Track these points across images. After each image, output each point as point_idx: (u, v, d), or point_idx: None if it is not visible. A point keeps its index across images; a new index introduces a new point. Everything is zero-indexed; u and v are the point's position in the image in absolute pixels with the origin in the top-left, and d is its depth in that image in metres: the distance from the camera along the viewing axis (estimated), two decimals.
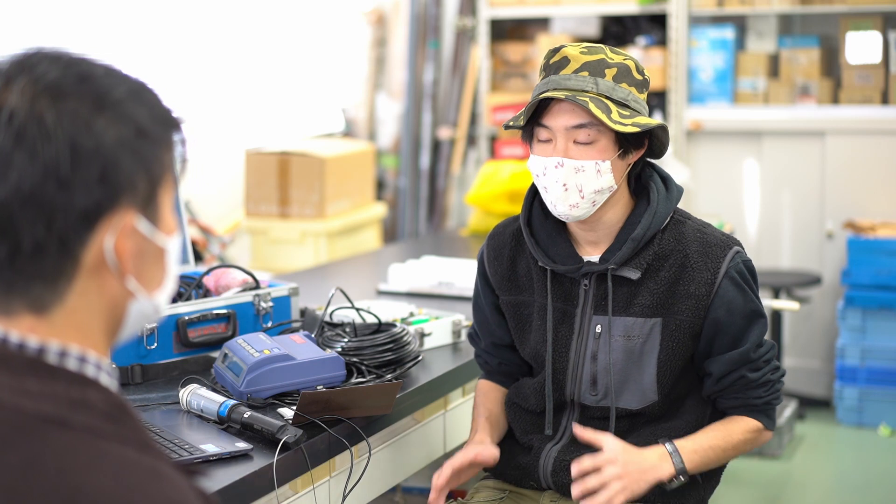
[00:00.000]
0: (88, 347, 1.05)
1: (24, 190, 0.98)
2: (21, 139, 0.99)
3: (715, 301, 2.06)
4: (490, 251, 2.24)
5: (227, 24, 5.18)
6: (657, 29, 5.24)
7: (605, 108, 1.98)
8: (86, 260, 1.02)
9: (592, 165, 2.01)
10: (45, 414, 0.99)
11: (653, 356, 2.08)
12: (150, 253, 1.07)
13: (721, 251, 2.08)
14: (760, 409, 2.12)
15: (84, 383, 1.02)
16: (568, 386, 2.15)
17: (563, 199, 2.04)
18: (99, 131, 1.01)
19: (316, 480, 2.02)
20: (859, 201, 5.00)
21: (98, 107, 1.02)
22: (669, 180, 2.14)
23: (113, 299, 1.06)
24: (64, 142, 0.99)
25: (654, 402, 2.10)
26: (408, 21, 5.99)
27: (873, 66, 5.00)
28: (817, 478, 4.26)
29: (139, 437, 1.03)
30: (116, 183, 1.02)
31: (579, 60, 2.03)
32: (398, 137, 6.07)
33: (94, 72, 1.04)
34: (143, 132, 1.04)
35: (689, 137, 5.26)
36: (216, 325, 2.41)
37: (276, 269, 4.38)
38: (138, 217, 1.04)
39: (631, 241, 2.06)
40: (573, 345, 2.13)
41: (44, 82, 1.01)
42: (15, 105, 1.00)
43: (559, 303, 2.14)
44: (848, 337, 4.71)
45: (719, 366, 2.09)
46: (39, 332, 1.03)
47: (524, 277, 2.19)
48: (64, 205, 0.99)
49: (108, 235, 1.03)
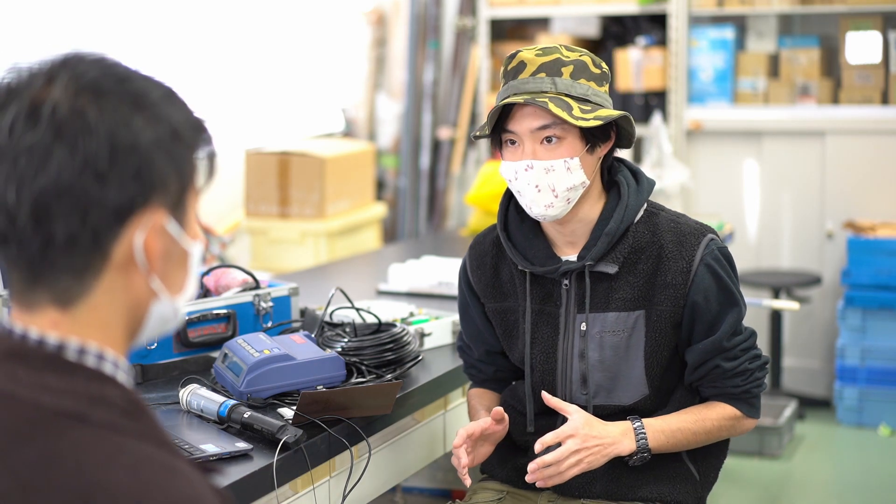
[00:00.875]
0: (108, 345, 1.06)
1: (62, 182, 1.01)
2: (62, 132, 1.01)
3: (692, 288, 2.07)
4: (472, 261, 2.26)
5: (227, 24, 5.18)
6: (657, 29, 5.24)
7: (565, 106, 2.00)
8: (115, 255, 1.04)
9: (562, 164, 2.03)
10: (63, 409, 1.00)
11: (639, 349, 2.10)
12: (175, 255, 1.09)
13: (695, 239, 2.09)
14: (739, 397, 2.13)
15: (102, 380, 1.04)
16: (559, 386, 2.15)
17: (538, 201, 2.05)
18: (137, 130, 1.03)
19: (316, 480, 2.02)
20: (859, 201, 5.00)
21: (137, 106, 1.04)
22: (639, 173, 2.16)
23: (137, 298, 1.08)
24: (104, 137, 1.02)
25: (646, 395, 2.12)
26: (408, 21, 5.99)
27: (873, 66, 5.00)
28: (817, 478, 4.26)
29: (156, 433, 1.04)
30: (150, 181, 1.04)
31: (535, 63, 2.05)
32: (398, 137, 6.07)
33: (131, 74, 1.07)
34: (178, 135, 1.07)
35: (689, 137, 5.26)
36: (216, 325, 2.41)
37: (276, 269, 4.38)
38: (168, 217, 1.07)
39: (605, 236, 2.08)
40: (559, 345, 2.14)
41: (85, 80, 1.04)
42: (58, 99, 1.02)
43: (542, 304, 2.16)
44: (848, 337, 4.71)
45: (694, 355, 2.11)
46: (62, 327, 1.04)
47: (508, 284, 2.20)
48: (99, 199, 1.02)
49: (139, 233, 1.05)
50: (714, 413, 2.12)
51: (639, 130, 5.02)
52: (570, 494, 2.16)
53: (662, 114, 5.12)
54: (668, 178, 4.66)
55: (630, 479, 2.12)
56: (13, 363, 1.03)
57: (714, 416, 2.12)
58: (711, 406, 2.13)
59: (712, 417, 2.12)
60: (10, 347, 1.04)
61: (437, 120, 5.98)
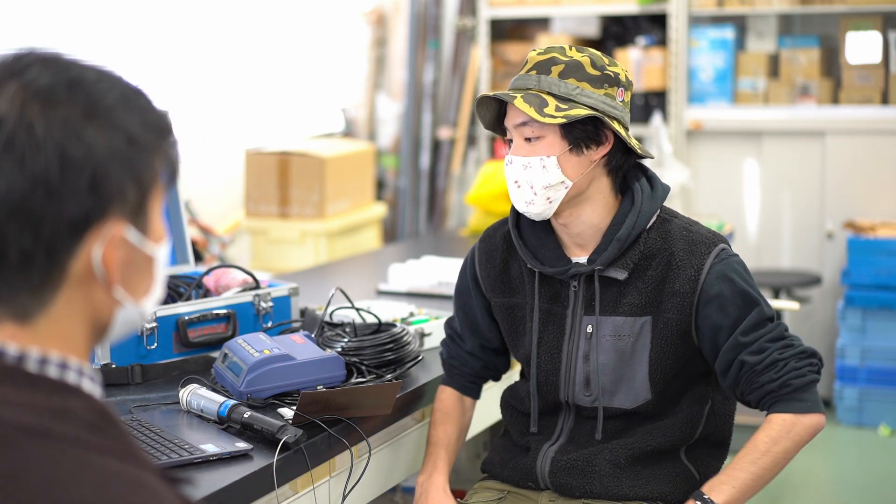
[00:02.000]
0: (71, 353, 1.03)
1: (11, 199, 0.97)
2: (10, 147, 0.97)
3: (702, 299, 2.04)
4: (482, 254, 2.25)
5: (227, 24, 5.18)
6: (657, 29, 5.24)
7: (538, 103, 2.01)
8: (73, 270, 1.01)
9: (537, 161, 2.03)
10: (25, 424, 0.97)
11: (644, 355, 2.08)
12: (138, 261, 1.05)
13: (706, 248, 2.07)
14: (781, 394, 2.02)
15: (65, 391, 1.00)
16: (562, 387, 2.15)
17: (519, 197, 2.07)
18: (89, 140, 0.99)
19: (316, 480, 2.02)
20: (859, 201, 5.00)
21: (89, 115, 1.00)
22: (655, 179, 2.15)
23: (99, 307, 1.04)
24: (53, 151, 0.97)
25: (648, 400, 2.11)
26: (408, 21, 5.99)
27: (873, 66, 5.00)
28: (817, 478, 4.26)
29: (122, 446, 1.01)
30: (106, 193, 1.00)
31: (533, 61, 2.07)
32: (398, 137, 6.07)
33: (86, 76, 1.02)
34: (134, 141, 1.02)
35: (689, 137, 5.26)
36: (216, 325, 2.41)
37: (276, 269, 4.37)
38: (127, 226, 1.03)
39: (616, 242, 2.06)
40: (564, 346, 2.14)
41: (34, 88, 0.99)
42: (4, 112, 0.98)
43: (549, 304, 2.15)
44: (848, 337, 4.71)
45: (720, 362, 2.07)
46: (21, 340, 1.01)
47: (517, 280, 2.20)
48: (52, 215, 0.98)
49: (97, 245, 1.01)
50: (765, 435, 2.01)
51: (639, 131, 5.04)
52: (571, 494, 2.15)
53: (662, 114, 5.12)
54: (668, 179, 4.66)
55: (630, 478, 2.12)
56: None
57: (767, 439, 2.01)
58: (760, 430, 2.02)
59: (766, 441, 2.01)
60: None
61: (437, 120, 5.98)
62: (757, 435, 2.03)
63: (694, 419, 2.14)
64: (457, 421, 2.30)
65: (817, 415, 2.03)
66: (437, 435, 2.27)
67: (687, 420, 2.14)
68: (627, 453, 2.12)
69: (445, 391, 2.34)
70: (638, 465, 2.13)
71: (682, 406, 2.14)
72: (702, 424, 2.15)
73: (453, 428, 2.29)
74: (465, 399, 2.34)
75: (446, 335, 2.38)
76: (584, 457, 2.14)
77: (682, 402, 2.15)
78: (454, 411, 2.31)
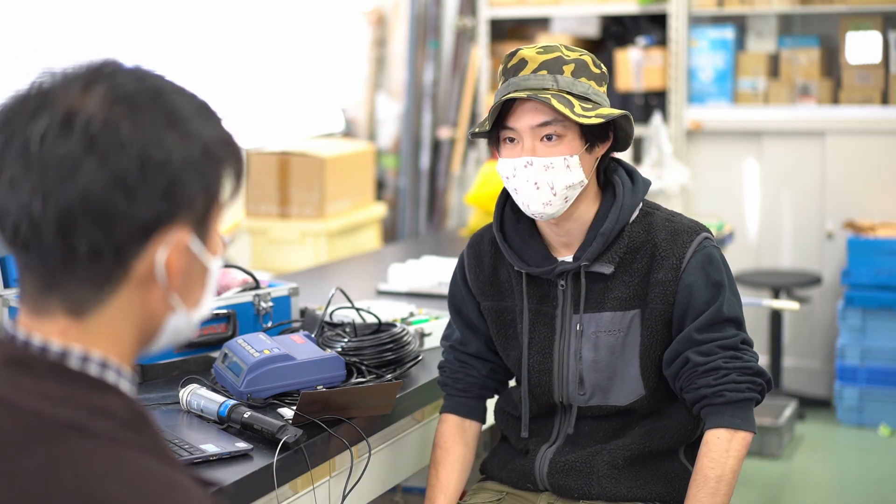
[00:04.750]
0: (115, 354, 1.05)
1: (90, 195, 0.99)
2: (94, 145, 1.00)
3: (680, 285, 2.05)
4: (471, 259, 2.24)
5: (227, 24, 5.18)
6: (657, 29, 5.24)
7: (567, 103, 2.00)
8: (136, 271, 1.03)
9: (561, 161, 2.02)
10: (64, 419, 0.99)
11: (634, 349, 2.08)
12: (195, 271, 1.08)
13: (688, 237, 2.07)
14: (713, 401, 2.01)
15: (104, 389, 1.03)
16: (556, 388, 2.15)
17: (536, 198, 2.04)
18: (169, 147, 1.02)
19: (316, 480, 2.02)
20: (859, 201, 5.00)
21: (170, 122, 1.03)
22: (635, 173, 2.15)
23: (152, 312, 1.06)
24: (136, 152, 1.00)
25: (642, 396, 2.11)
26: (408, 21, 5.99)
27: (873, 66, 4.99)
28: (817, 478, 4.26)
29: (157, 446, 1.03)
30: (178, 199, 1.03)
31: (536, 60, 2.04)
32: (398, 137, 6.07)
33: (166, 88, 1.06)
34: (209, 152, 1.05)
35: (689, 137, 5.26)
36: (216, 325, 2.41)
37: (276, 269, 4.38)
38: (191, 235, 1.06)
39: (600, 236, 2.07)
40: (556, 346, 2.14)
41: (121, 92, 1.02)
42: (93, 111, 1.01)
43: (539, 305, 2.15)
44: (848, 337, 4.71)
45: (669, 350, 2.07)
46: (70, 335, 1.03)
47: (506, 283, 2.19)
48: (126, 214, 1.00)
49: (161, 249, 1.04)
50: (708, 460, 2.00)
51: (639, 130, 5.03)
52: (570, 496, 2.15)
53: (662, 114, 5.12)
54: (668, 179, 4.66)
55: (629, 479, 2.12)
56: (16, 370, 1.02)
57: (712, 464, 2.00)
58: (701, 455, 2.02)
59: (712, 466, 2.00)
60: (13, 354, 1.03)
61: (437, 120, 5.98)
62: (701, 461, 2.02)
63: (691, 423, 2.14)
64: (457, 459, 2.22)
65: (750, 433, 2.03)
66: (437, 478, 2.20)
67: (686, 423, 2.14)
68: (626, 454, 2.12)
69: (446, 422, 2.25)
70: (636, 465, 2.13)
71: (679, 406, 2.14)
72: (700, 426, 2.15)
73: (453, 467, 2.21)
74: (469, 426, 2.26)
75: (445, 350, 2.31)
76: (582, 458, 2.14)
77: (677, 400, 2.14)
78: (455, 448, 2.22)
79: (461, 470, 2.22)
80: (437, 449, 2.23)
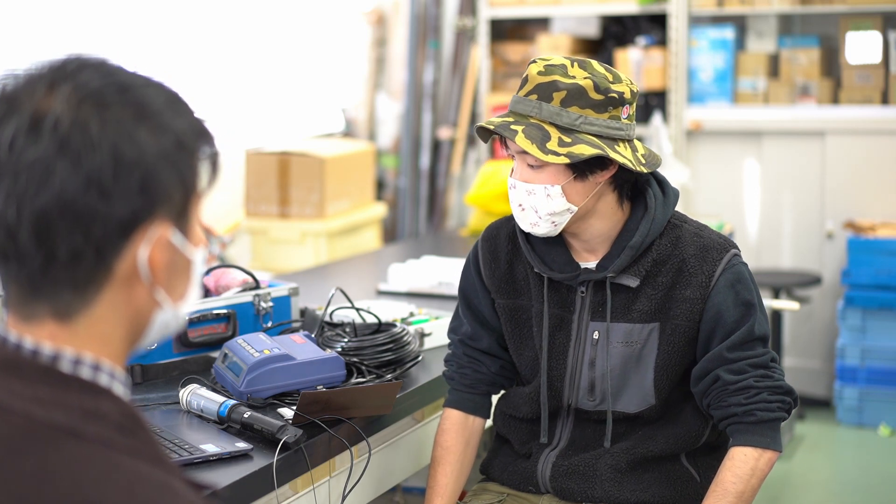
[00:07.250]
0: (106, 356, 1.04)
1: (65, 198, 0.97)
2: (65, 147, 0.98)
3: (708, 303, 2.03)
4: (486, 254, 2.21)
5: (227, 24, 5.18)
6: (657, 29, 5.24)
7: (540, 137, 1.95)
8: (119, 270, 1.02)
9: (542, 189, 1.99)
10: (57, 423, 0.98)
11: (650, 360, 2.07)
12: (179, 264, 1.07)
13: (718, 254, 2.05)
14: (743, 420, 2.01)
15: (97, 392, 1.02)
16: (565, 393, 2.14)
17: (523, 218, 2.04)
18: (141, 142, 1.00)
19: (316, 480, 2.02)
20: (859, 201, 5.00)
21: (140, 117, 1.01)
22: (666, 184, 2.12)
23: (139, 308, 1.05)
24: (108, 151, 0.99)
25: (652, 405, 2.10)
26: (408, 21, 5.99)
27: (873, 66, 4.99)
28: (817, 478, 4.26)
29: (151, 450, 1.02)
30: (154, 194, 1.01)
31: (534, 81, 1.99)
32: (398, 137, 6.07)
33: (134, 81, 1.04)
34: (182, 144, 1.04)
35: (689, 137, 5.26)
36: (216, 325, 2.41)
37: (276, 269, 4.38)
38: (171, 229, 1.04)
39: (629, 249, 2.04)
40: (570, 351, 2.12)
41: (87, 90, 1.00)
42: (60, 112, 0.99)
43: (556, 309, 2.12)
44: (848, 337, 4.71)
45: (698, 367, 2.06)
46: (60, 339, 1.02)
47: (522, 282, 2.17)
48: (104, 214, 0.99)
49: (143, 246, 1.02)
50: (731, 475, 2.00)
51: (639, 131, 5.03)
52: (572, 498, 2.15)
53: (662, 114, 5.12)
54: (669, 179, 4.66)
55: (631, 482, 2.12)
56: (8, 373, 1.01)
57: (734, 479, 1.99)
58: (724, 469, 2.02)
59: (734, 481, 1.99)
60: (4, 357, 1.02)
61: (437, 120, 5.98)
62: (723, 475, 2.01)
63: (698, 430, 2.13)
64: (457, 458, 2.21)
65: (776, 452, 2.03)
66: (437, 478, 2.19)
67: (692, 429, 2.13)
68: (629, 458, 2.11)
69: (450, 418, 2.24)
70: (639, 469, 2.12)
71: (687, 413, 2.13)
72: (706, 434, 2.15)
73: (452, 468, 2.20)
74: (472, 422, 2.25)
75: (453, 343, 2.29)
76: (585, 461, 2.13)
77: (685, 408, 2.13)
78: (455, 446, 2.21)
79: (461, 470, 2.22)
80: (438, 447, 2.22)
